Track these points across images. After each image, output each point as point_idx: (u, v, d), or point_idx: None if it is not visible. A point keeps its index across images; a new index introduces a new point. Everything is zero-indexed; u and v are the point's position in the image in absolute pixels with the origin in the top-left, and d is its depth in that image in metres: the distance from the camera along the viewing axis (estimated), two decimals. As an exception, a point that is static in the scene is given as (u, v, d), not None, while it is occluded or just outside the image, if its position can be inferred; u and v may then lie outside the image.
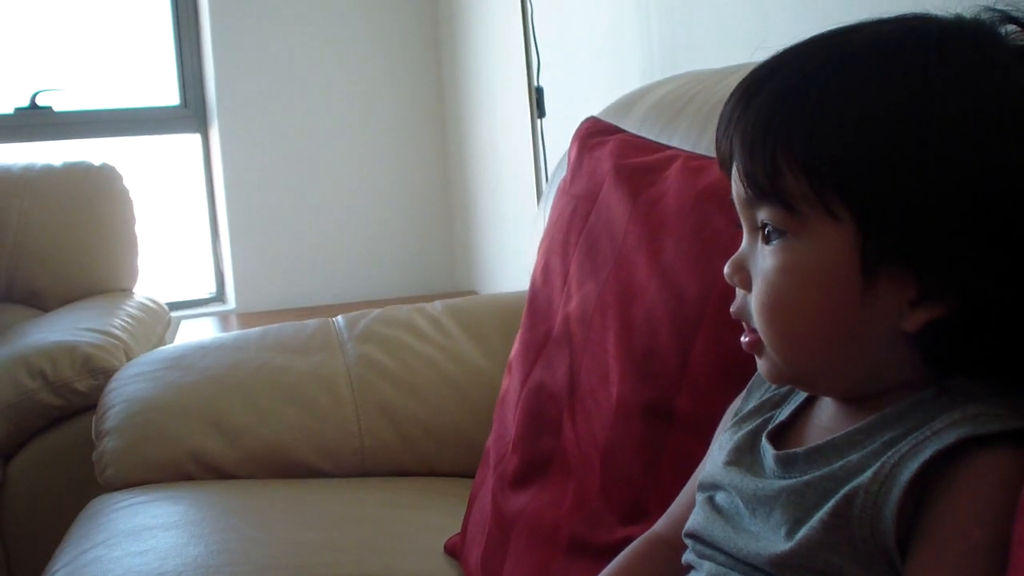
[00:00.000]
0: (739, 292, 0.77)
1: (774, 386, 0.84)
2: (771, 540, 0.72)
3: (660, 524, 0.92)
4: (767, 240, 0.73)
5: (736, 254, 0.77)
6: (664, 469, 1.07)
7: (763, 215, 0.73)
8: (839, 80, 0.70)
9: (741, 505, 0.77)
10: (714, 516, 0.80)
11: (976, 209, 0.67)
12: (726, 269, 0.77)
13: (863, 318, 0.70)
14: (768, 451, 0.78)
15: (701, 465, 0.89)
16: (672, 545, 0.88)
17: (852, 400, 0.75)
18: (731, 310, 0.78)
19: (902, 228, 0.68)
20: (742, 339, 0.77)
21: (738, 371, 0.81)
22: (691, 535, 0.82)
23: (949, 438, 0.65)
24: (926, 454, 0.65)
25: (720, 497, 0.80)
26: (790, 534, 0.70)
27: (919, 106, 0.68)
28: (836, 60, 0.72)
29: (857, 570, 0.67)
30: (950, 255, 0.67)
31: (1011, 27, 0.72)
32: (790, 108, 0.71)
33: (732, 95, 0.76)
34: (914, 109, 0.68)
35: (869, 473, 0.67)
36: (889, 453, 0.67)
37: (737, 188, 0.75)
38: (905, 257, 0.68)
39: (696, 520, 0.82)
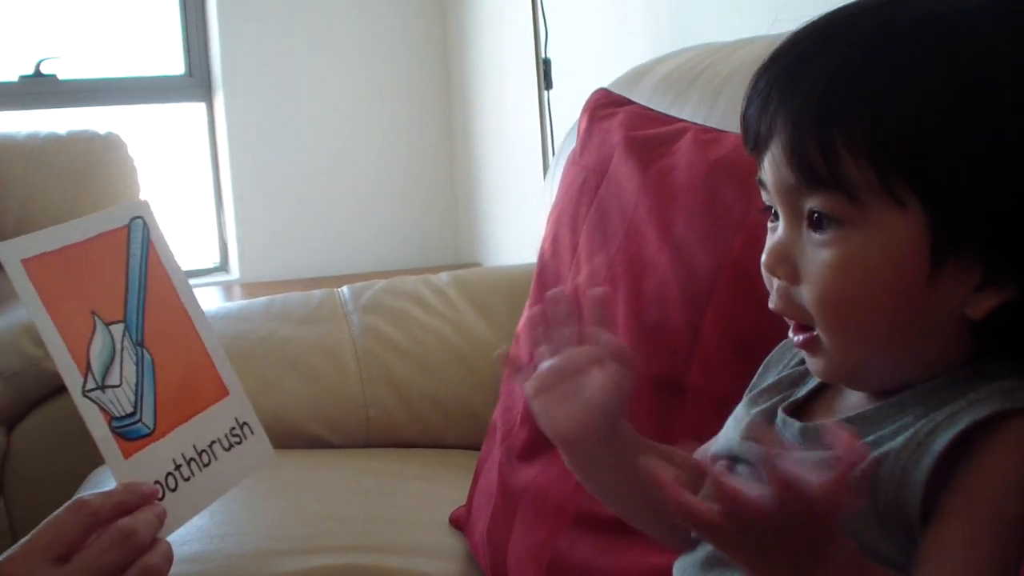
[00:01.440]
0: (778, 284, 0.73)
1: (792, 364, 0.82)
2: None
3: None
4: (816, 228, 0.69)
5: (775, 243, 0.72)
6: (672, 443, 1.06)
7: (816, 203, 0.68)
8: (902, 55, 0.67)
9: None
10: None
11: None
12: (766, 259, 0.72)
13: (928, 305, 0.68)
14: (791, 424, 0.76)
15: (711, 441, 0.88)
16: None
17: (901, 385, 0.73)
18: (772, 305, 0.74)
19: (975, 214, 0.65)
20: (793, 338, 0.73)
21: (748, 346, 0.80)
22: None
23: (984, 411, 0.64)
24: (961, 425, 0.64)
25: (740, 469, 0.79)
26: None
27: (990, 84, 0.65)
28: (895, 33, 0.68)
29: (877, 535, 0.66)
30: (1018, 237, 0.65)
31: None
32: (849, 87, 0.67)
33: (768, 69, 0.72)
34: (984, 87, 0.65)
35: (901, 439, 0.66)
36: (922, 422, 0.66)
37: (778, 172, 0.70)
38: (975, 241, 0.66)
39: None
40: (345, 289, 1.84)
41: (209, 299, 3.22)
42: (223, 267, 3.57)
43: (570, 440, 0.80)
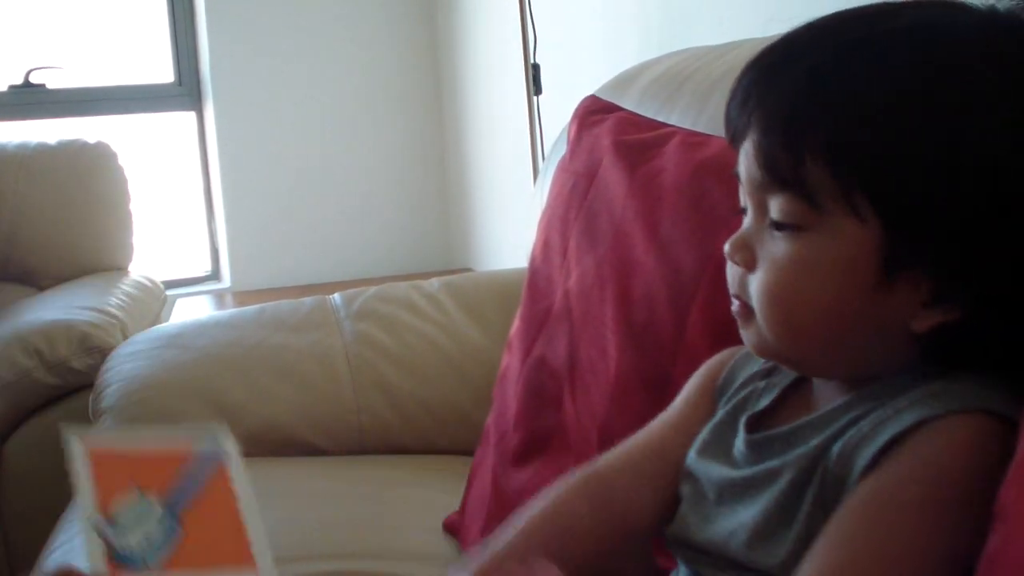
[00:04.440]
0: (735, 269, 0.75)
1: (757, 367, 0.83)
2: (749, 531, 0.71)
3: (605, 459, 0.89)
4: (778, 225, 0.70)
5: (739, 232, 0.74)
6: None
7: (779, 202, 0.70)
8: (873, 69, 0.67)
9: (712, 495, 0.77)
10: (685, 508, 0.80)
11: (1004, 216, 0.65)
12: (727, 247, 0.74)
13: (872, 315, 0.69)
14: (740, 436, 0.77)
15: (667, 411, 0.89)
16: (615, 482, 0.86)
17: (839, 381, 0.74)
18: (731, 290, 0.76)
19: (932, 234, 0.66)
20: (732, 307, 0.76)
21: (731, 340, 0.81)
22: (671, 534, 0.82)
23: (906, 421, 0.65)
24: (884, 437, 0.65)
25: (686, 488, 0.80)
26: (774, 524, 0.70)
27: (959, 108, 0.65)
28: (870, 46, 0.68)
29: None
30: (972, 261, 0.66)
31: None
32: (820, 93, 0.68)
33: (752, 67, 0.73)
34: (954, 111, 0.65)
35: (835, 452, 0.67)
36: (851, 432, 0.67)
37: (749, 167, 0.72)
38: (929, 261, 0.67)
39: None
40: (336, 296, 1.84)
41: (200, 308, 3.22)
42: (214, 275, 3.57)
43: None
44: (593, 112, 1.46)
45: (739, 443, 0.77)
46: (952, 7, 0.71)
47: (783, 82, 0.70)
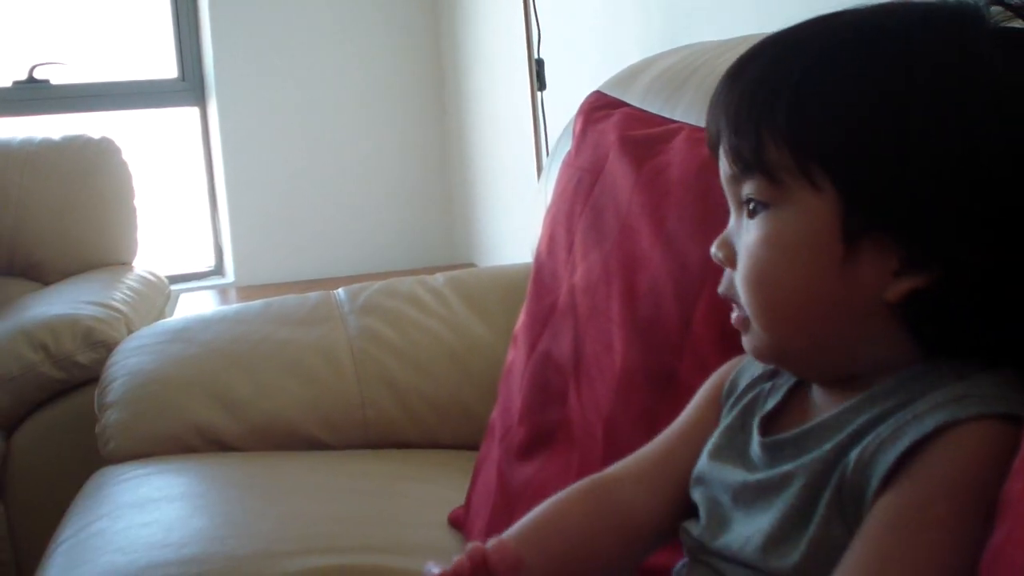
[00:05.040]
0: (727, 271, 0.78)
1: (760, 372, 0.84)
2: (765, 536, 0.72)
3: (614, 467, 0.90)
4: (752, 215, 0.74)
5: (723, 233, 0.78)
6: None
7: (747, 189, 0.74)
8: (822, 57, 0.72)
9: (727, 499, 0.77)
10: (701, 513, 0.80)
11: (955, 180, 0.67)
12: (712, 248, 0.78)
13: (845, 288, 0.70)
14: (756, 438, 0.78)
15: (675, 422, 0.90)
16: (619, 490, 0.87)
17: (839, 382, 0.75)
18: (719, 290, 0.79)
19: (883, 197, 0.68)
20: (731, 317, 0.78)
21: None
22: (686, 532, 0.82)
23: (928, 425, 0.65)
24: (905, 441, 0.65)
25: (698, 492, 0.81)
26: (788, 528, 0.70)
27: (898, 83, 0.69)
28: (820, 39, 0.74)
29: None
30: (931, 224, 0.68)
31: (995, 8, 0.73)
32: (773, 84, 0.72)
33: (720, 81, 0.78)
34: (893, 85, 0.69)
35: (853, 457, 0.67)
36: (870, 437, 0.67)
37: (724, 166, 0.76)
38: (887, 226, 0.69)
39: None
40: (341, 291, 1.84)
41: (204, 303, 3.22)
42: (218, 270, 3.58)
43: None
44: (598, 108, 1.47)
45: (755, 446, 0.77)
46: (896, 2, 0.75)
47: (740, 84, 0.75)
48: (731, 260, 0.76)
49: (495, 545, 0.79)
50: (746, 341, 0.77)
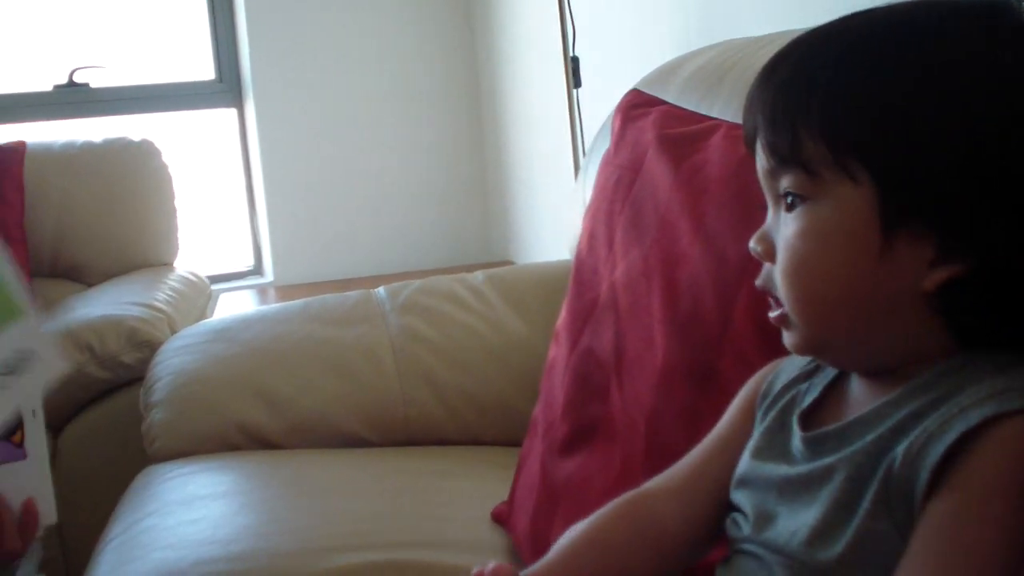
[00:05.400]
0: (765, 265, 0.79)
1: (800, 367, 0.84)
2: (810, 529, 0.72)
3: (653, 481, 0.91)
4: (790, 208, 0.75)
5: (761, 228, 0.79)
6: (706, 434, 1.07)
7: (785, 183, 0.75)
8: (855, 51, 0.73)
9: (771, 495, 0.78)
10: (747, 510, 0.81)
11: (988, 169, 0.69)
12: (750, 243, 0.79)
13: (883, 278, 0.71)
14: (796, 434, 0.78)
15: (709, 435, 0.90)
16: (655, 504, 0.88)
17: (879, 374, 0.75)
18: (756, 283, 0.80)
19: (919, 187, 0.69)
20: (770, 314, 0.78)
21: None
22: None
23: (974, 418, 0.65)
24: (952, 435, 0.65)
25: (742, 495, 0.81)
26: (832, 520, 0.71)
27: (931, 73, 0.70)
28: (852, 34, 0.75)
29: (903, 542, 0.67)
30: (967, 212, 0.69)
31: None
32: (807, 80, 0.74)
33: (754, 80, 0.79)
34: (926, 76, 0.70)
35: (900, 451, 0.68)
36: (917, 431, 0.68)
37: (761, 161, 0.77)
38: (923, 215, 0.70)
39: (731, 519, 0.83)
40: (381, 290, 1.86)
41: (244, 302, 3.25)
42: (257, 270, 3.60)
43: None
44: (636, 106, 1.47)
45: (796, 441, 0.78)
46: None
47: (775, 81, 0.76)
48: (770, 254, 0.77)
49: (494, 570, 0.81)
50: (786, 337, 0.78)
